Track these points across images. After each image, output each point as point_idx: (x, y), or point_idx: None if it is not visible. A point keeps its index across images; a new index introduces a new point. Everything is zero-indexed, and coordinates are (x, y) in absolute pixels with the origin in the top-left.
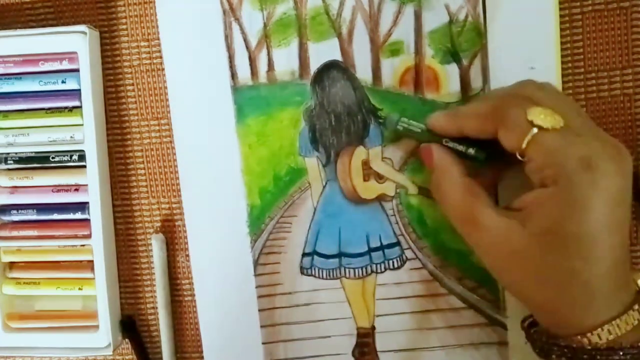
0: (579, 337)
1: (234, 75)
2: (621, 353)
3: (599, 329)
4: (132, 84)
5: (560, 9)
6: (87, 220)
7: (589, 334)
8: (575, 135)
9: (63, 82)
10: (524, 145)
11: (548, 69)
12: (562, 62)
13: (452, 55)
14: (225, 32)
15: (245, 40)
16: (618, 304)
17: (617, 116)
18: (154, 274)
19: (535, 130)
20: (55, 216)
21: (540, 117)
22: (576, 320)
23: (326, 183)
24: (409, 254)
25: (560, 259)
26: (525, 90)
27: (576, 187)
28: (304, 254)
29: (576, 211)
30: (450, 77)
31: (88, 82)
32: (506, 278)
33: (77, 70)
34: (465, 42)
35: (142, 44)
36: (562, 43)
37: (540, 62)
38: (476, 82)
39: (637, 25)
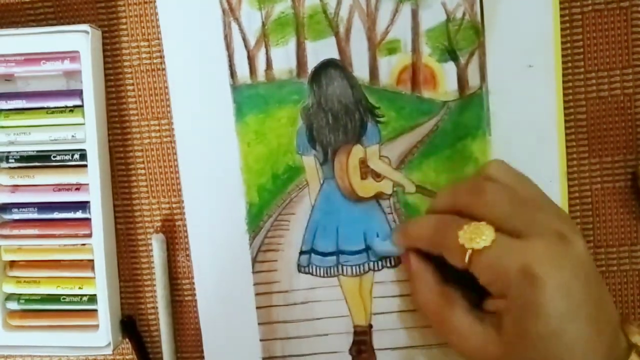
0: None
1: (233, 74)
2: None
3: None
4: (132, 84)
5: (560, 9)
6: (88, 220)
7: None
8: (510, 243)
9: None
10: (466, 262)
11: (546, 67)
12: (562, 62)
13: (450, 53)
14: (225, 31)
15: (244, 39)
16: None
17: (617, 116)
18: (154, 273)
19: (469, 252)
20: (56, 215)
21: (471, 238)
22: None
23: (324, 181)
24: None
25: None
26: (461, 198)
27: (523, 296)
28: (302, 252)
29: (532, 317)
30: (447, 76)
31: (90, 82)
32: None
33: (78, 70)
34: (463, 40)
35: (142, 44)
36: (562, 43)
37: (538, 60)
38: (474, 80)
39: (637, 25)
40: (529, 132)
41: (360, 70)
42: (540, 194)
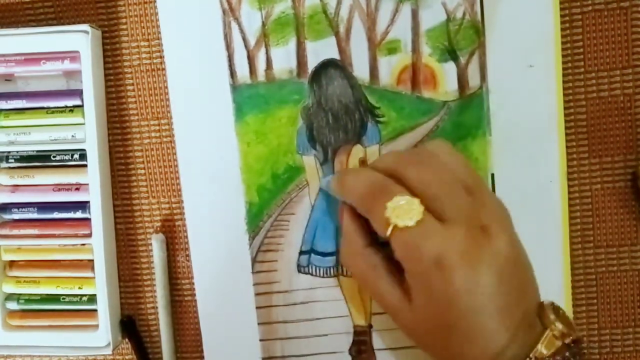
0: None
1: (233, 74)
2: None
3: None
4: (132, 84)
5: (560, 9)
6: (88, 220)
7: None
8: (432, 229)
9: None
10: (387, 235)
11: (547, 67)
12: (562, 62)
13: (450, 53)
14: (225, 31)
15: (244, 39)
16: (523, 347)
17: (617, 116)
18: (154, 273)
19: (392, 226)
20: (56, 215)
21: (396, 213)
22: None
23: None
24: None
25: (443, 342)
26: (401, 165)
27: (432, 283)
28: (301, 252)
29: (436, 305)
30: (447, 76)
31: (90, 82)
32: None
33: (78, 70)
34: (463, 40)
35: (142, 44)
36: (562, 43)
37: (538, 59)
38: (474, 80)
39: (637, 25)
40: (529, 132)
41: (361, 70)
42: (478, 182)
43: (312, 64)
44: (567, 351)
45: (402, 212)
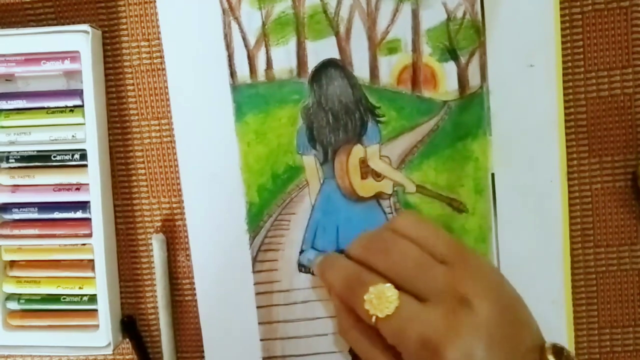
0: None
1: (233, 74)
2: None
3: None
4: (132, 84)
5: (560, 9)
6: (88, 220)
7: None
8: (411, 312)
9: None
10: (374, 324)
11: (547, 67)
12: (562, 62)
13: (450, 53)
14: (225, 31)
15: (244, 39)
16: None
17: (617, 116)
18: (154, 273)
19: (373, 318)
20: (56, 215)
21: (374, 305)
22: None
23: (324, 181)
24: None
25: None
26: (369, 254)
27: None
28: (302, 252)
29: None
30: (448, 75)
31: (90, 82)
32: None
33: (78, 70)
34: (463, 39)
35: (142, 44)
36: (562, 43)
37: (539, 59)
38: (474, 80)
39: (637, 25)
40: (529, 131)
41: (361, 70)
42: (450, 248)
43: (312, 63)
44: None
45: (379, 302)
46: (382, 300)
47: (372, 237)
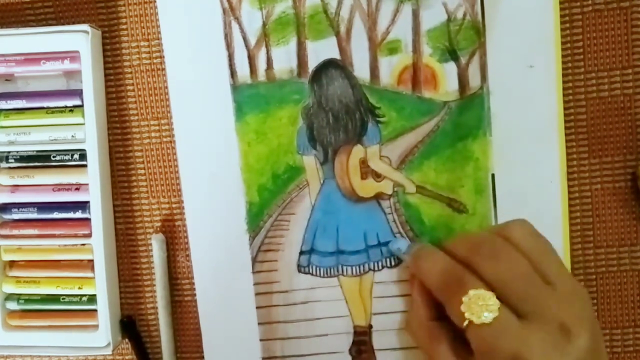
0: None
1: (233, 74)
2: None
3: None
4: (132, 84)
5: (560, 9)
6: (88, 220)
7: None
8: (509, 326)
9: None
10: (463, 328)
11: (547, 67)
12: (562, 62)
13: (450, 53)
14: (225, 30)
15: (245, 39)
16: None
17: (617, 116)
18: (154, 274)
19: (466, 322)
20: (56, 215)
21: (472, 309)
22: None
23: (324, 181)
24: None
25: None
26: (476, 256)
27: None
28: (302, 252)
29: None
30: (448, 76)
31: (90, 82)
32: None
33: (78, 70)
34: (464, 40)
35: (142, 44)
36: (562, 43)
37: (539, 60)
38: (474, 80)
39: (637, 25)
40: (529, 132)
41: (361, 70)
42: (558, 270)
43: (312, 63)
44: None
45: (478, 307)
46: (480, 306)
47: (481, 239)
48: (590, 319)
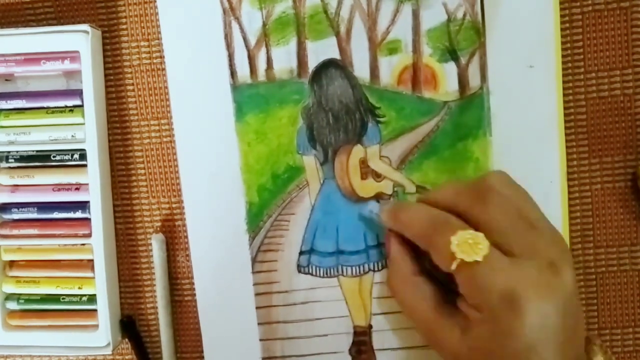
0: None
1: (233, 74)
2: None
3: None
4: (132, 84)
5: (560, 9)
6: (88, 219)
7: None
8: (500, 264)
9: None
10: (452, 269)
11: (547, 67)
12: (562, 62)
13: (450, 53)
14: (225, 30)
15: (245, 39)
16: None
17: (617, 116)
18: (154, 273)
19: (458, 261)
20: (56, 215)
21: (462, 248)
22: None
23: (324, 181)
24: None
25: None
26: (463, 200)
27: (500, 320)
28: (301, 252)
29: (502, 339)
30: (448, 76)
31: (90, 82)
32: None
33: (78, 70)
34: (464, 40)
35: (142, 43)
36: (562, 43)
37: (539, 60)
38: (474, 80)
39: (637, 25)
40: (529, 132)
41: (361, 70)
42: (539, 215)
43: (312, 63)
44: None
45: (468, 247)
46: (471, 245)
47: (466, 186)
48: (571, 260)
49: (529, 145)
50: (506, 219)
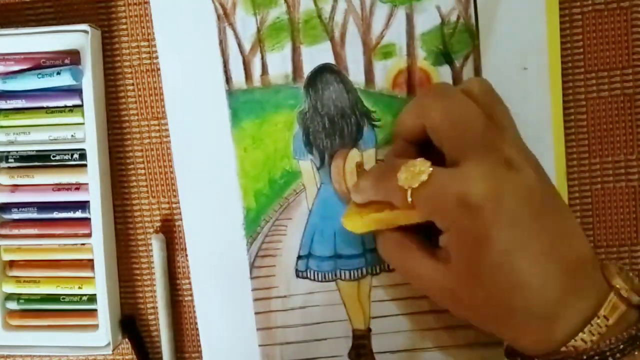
0: (563, 348)
1: (228, 80)
2: (607, 350)
3: (580, 335)
4: (132, 84)
5: (560, 9)
6: (88, 219)
7: (572, 343)
8: (447, 173)
9: (58, 74)
10: (410, 203)
11: (540, 69)
12: (562, 62)
13: (445, 56)
14: (219, 36)
15: (239, 44)
16: (587, 306)
17: (617, 116)
18: (154, 273)
19: (409, 191)
20: (56, 215)
21: (408, 177)
22: (545, 340)
23: (321, 186)
24: None
25: (486, 294)
26: (429, 99)
27: (463, 228)
28: (299, 257)
29: (475, 249)
30: (442, 79)
31: (90, 81)
32: (459, 317)
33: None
34: (458, 43)
35: (142, 44)
36: (562, 43)
37: (532, 62)
38: None
39: (637, 25)
40: (524, 134)
41: (356, 75)
42: (508, 122)
43: (307, 68)
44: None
45: (412, 175)
46: (414, 172)
47: (437, 84)
48: (538, 165)
49: None
50: (466, 116)
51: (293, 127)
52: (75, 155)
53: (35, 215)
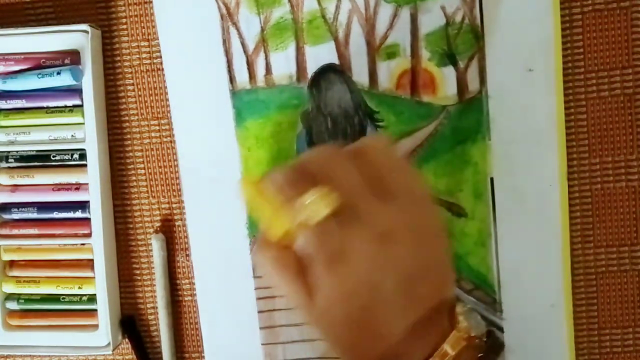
0: None
1: (232, 80)
2: None
3: None
4: (132, 84)
5: (561, 9)
6: (88, 219)
7: None
8: (330, 228)
9: (58, 74)
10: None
11: (547, 71)
12: (562, 62)
13: (449, 57)
14: (223, 36)
15: (243, 44)
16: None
17: (617, 116)
18: (154, 273)
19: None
20: (56, 215)
21: (309, 211)
22: None
23: None
24: None
25: (344, 335)
26: (313, 165)
27: (329, 278)
28: None
29: (337, 298)
30: (447, 80)
31: (90, 81)
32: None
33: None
34: (462, 44)
35: (142, 44)
36: (562, 43)
37: (538, 64)
38: (473, 84)
39: (637, 25)
40: (528, 136)
41: (360, 75)
42: (405, 184)
43: (311, 68)
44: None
45: (312, 211)
46: (315, 209)
47: (320, 156)
48: (427, 231)
49: (528, 149)
50: (345, 189)
51: (297, 127)
52: (75, 155)
53: (35, 215)
